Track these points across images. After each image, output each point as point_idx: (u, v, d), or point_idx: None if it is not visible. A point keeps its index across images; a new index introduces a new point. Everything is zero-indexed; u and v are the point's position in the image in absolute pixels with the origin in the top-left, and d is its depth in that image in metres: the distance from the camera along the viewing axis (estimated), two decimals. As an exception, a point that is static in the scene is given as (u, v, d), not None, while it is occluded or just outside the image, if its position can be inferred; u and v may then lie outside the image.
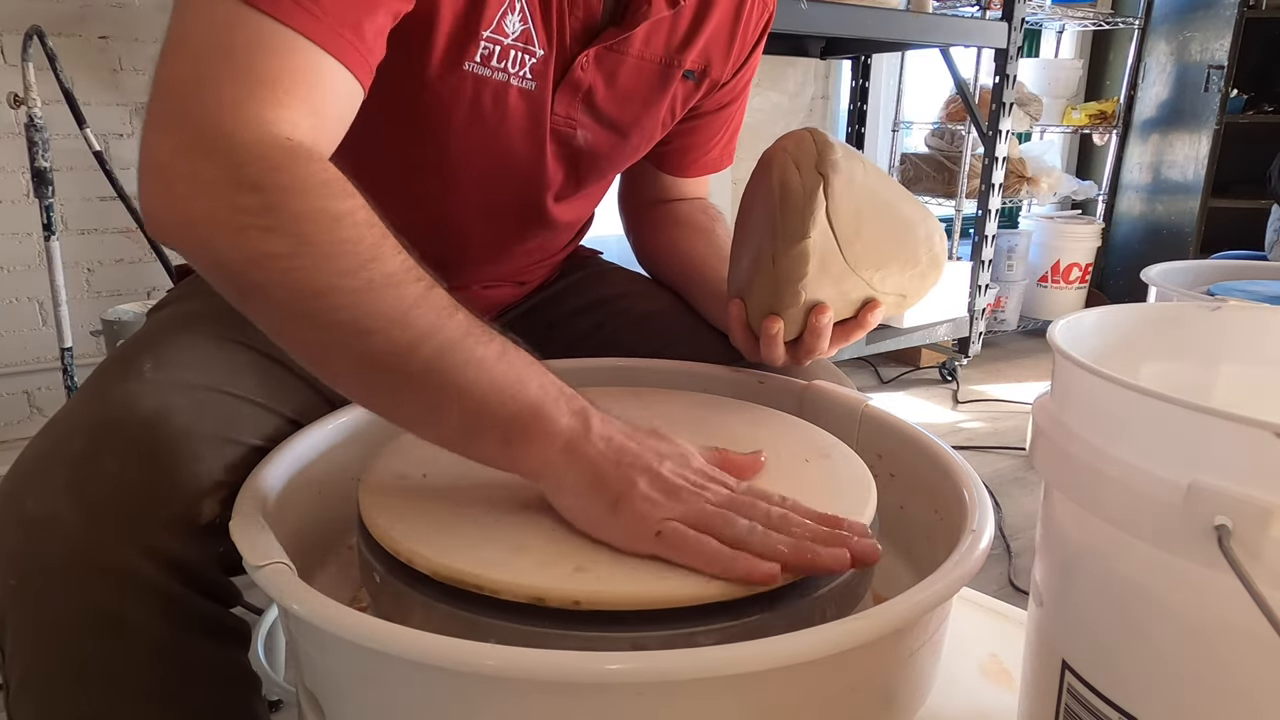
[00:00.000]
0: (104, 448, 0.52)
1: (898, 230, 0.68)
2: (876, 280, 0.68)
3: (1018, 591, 1.47)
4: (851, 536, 0.46)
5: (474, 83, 0.67)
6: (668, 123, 0.82)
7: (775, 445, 0.59)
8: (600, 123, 0.76)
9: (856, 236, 0.65)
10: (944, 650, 0.52)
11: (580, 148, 0.76)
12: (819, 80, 2.98)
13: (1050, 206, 3.43)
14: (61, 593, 0.49)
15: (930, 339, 2.56)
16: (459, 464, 0.55)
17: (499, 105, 0.69)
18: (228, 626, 0.57)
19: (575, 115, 0.74)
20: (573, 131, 0.75)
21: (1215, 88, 2.96)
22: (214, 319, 0.68)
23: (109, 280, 1.94)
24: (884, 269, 0.68)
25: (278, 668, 1.06)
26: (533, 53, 0.68)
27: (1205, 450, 0.35)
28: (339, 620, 0.40)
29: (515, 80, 0.68)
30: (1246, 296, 1.04)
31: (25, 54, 1.43)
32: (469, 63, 0.65)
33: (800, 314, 0.66)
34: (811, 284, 0.64)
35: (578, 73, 0.71)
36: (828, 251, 0.64)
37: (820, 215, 0.62)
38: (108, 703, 0.51)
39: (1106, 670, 0.42)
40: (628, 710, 0.39)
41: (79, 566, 0.49)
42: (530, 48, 0.68)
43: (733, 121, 0.90)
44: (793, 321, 0.66)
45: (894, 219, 0.68)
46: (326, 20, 0.50)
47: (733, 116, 0.89)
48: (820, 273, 0.64)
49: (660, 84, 0.77)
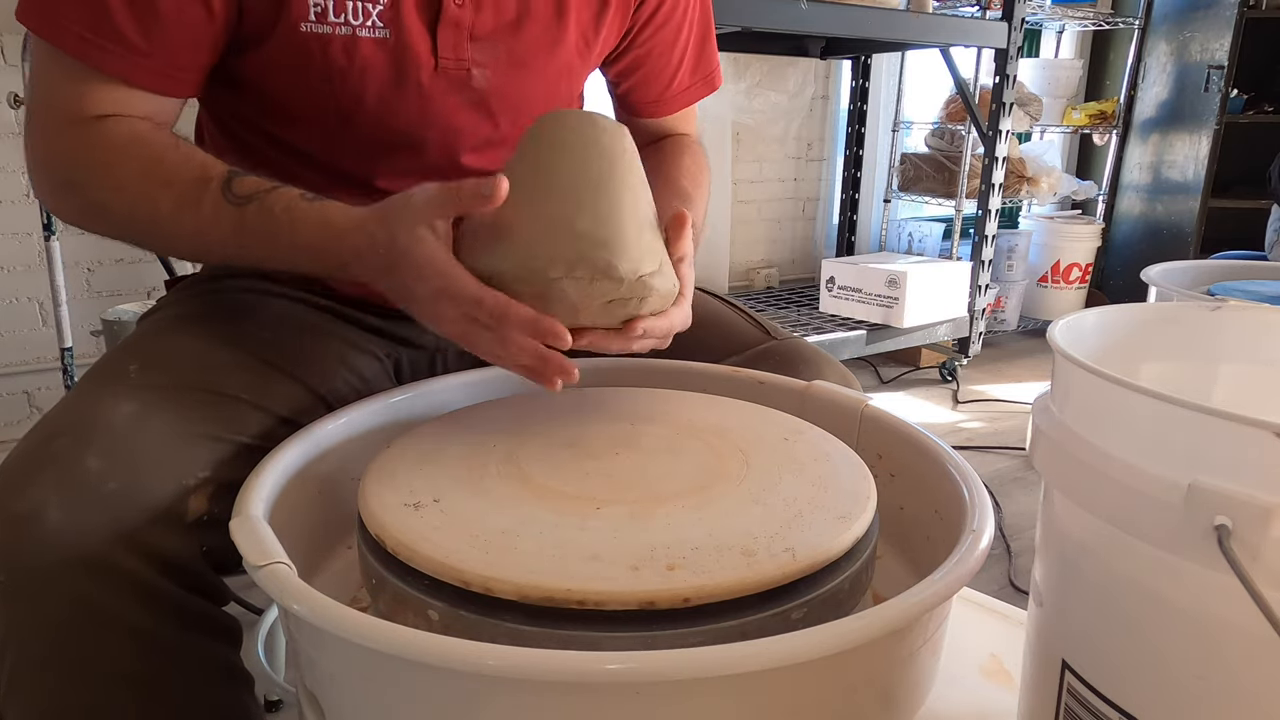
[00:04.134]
0: (88, 447, 0.53)
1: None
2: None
3: (1018, 591, 1.47)
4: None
5: (319, 43, 0.66)
6: (586, 53, 0.78)
7: (776, 446, 0.59)
8: (500, 60, 0.72)
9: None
10: (944, 650, 0.52)
11: (485, 89, 0.73)
12: (819, 80, 2.98)
13: (1050, 206, 3.43)
14: (48, 589, 0.50)
15: (930, 339, 2.56)
16: (459, 464, 0.55)
17: (353, 60, 0.67)
18: (217, 623, 0.58)
19: (466, 55, 0.71)
20: (466, 73, 0.71)
21: (1215, 88, 2.96)
22: (202, 321, 0.69)
23: (109, 280, 1.94)
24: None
25: (278, 668, 1.07)
26: (374, 0, 0.66)
27: (1205, 450, 0.35)
28: (339, 620, 0.40)
29: (364, 31, 0.67)
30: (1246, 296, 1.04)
31: (25, 54, 1.43)
32: (304, 24, 0.65)
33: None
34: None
35: (453, 9, 0.69)
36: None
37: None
38: (96, 698, 0.52)
39: (1106, 670, 0.42)
40: (628, 710, 0.39)
41: (64, 563, 0.50)
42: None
43: (681, 39, 0.84)
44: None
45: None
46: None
47: (679, 34, 0.84)
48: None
49: (556, 7, 0.74)
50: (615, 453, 0.57)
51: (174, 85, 0.65)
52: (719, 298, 0.87)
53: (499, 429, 0.61)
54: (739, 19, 1.88)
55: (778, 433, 0.62)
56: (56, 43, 0.61)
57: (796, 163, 3.06)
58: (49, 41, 0.62)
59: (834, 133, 3.10)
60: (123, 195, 0.62)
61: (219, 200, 0.60)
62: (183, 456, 0.56)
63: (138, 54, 0.62)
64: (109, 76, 0.62)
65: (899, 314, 2.43)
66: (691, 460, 0.57)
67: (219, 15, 0.64)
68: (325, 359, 0.70)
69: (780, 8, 1.93)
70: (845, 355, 2.33)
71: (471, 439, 0.59)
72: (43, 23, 0.61)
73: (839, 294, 2.58)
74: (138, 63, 0.62)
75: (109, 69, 0.62)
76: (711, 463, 0.56)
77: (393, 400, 0.68)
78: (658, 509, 0.50)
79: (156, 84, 0.64)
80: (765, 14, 1.93)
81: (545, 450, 0.57)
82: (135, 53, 0.62)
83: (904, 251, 3.05)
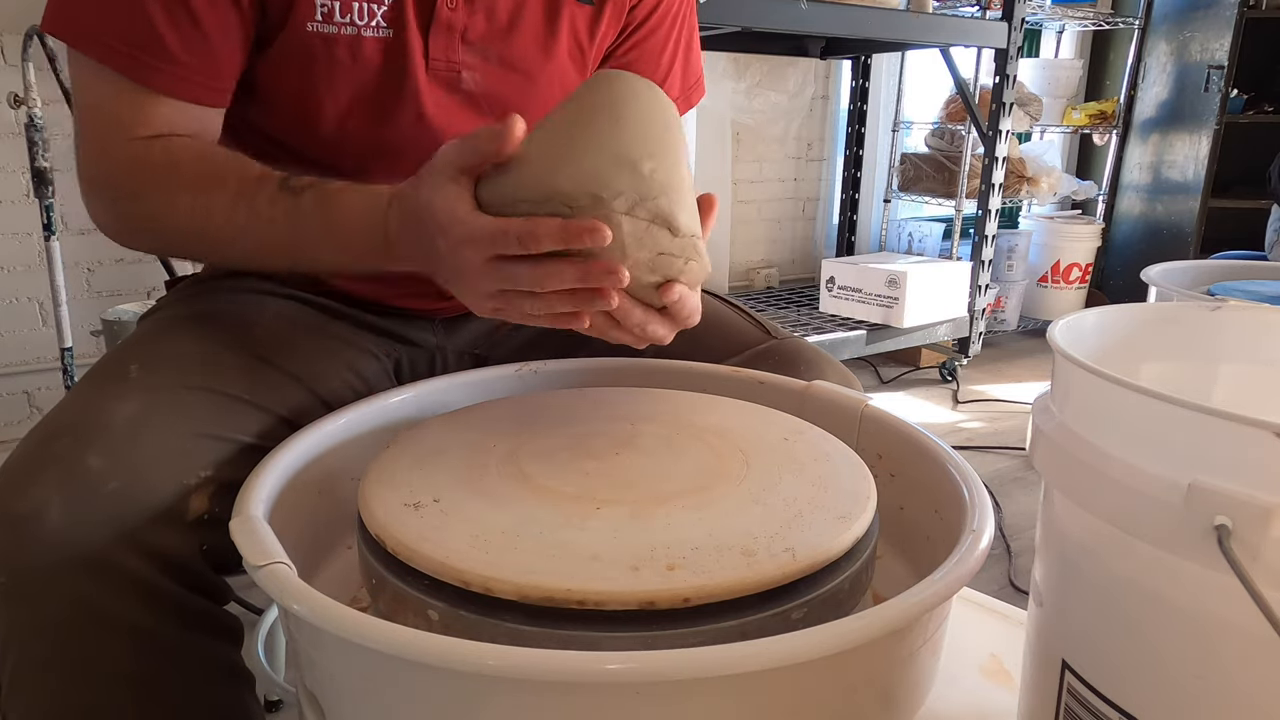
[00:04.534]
0: (89, 446, 0.53)
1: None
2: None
3: (1018, 591, 1.47)
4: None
5: (324, 43, 0.67)
6: (579, 58, 0.78)
7: (776, 446, 0.59)
8: (490, 62, 0.73)
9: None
10: (944, 650, 0.52)
11: (474, 92, 0.73)
12: (819, 80, 2.98)
13: (1050, 206, 3.43)
14: (49, 589, 0.50)
15: (930, 339, 2.56)
16: (459, 464, 0.55)
17: (357, 60, 0.68)
18: (218, 622, 0.58)
19: (456, 57, 0.71)
20: (456, 75, 0.72)
21: (1215, 88, 2.96)
22: (202, 322, 0.69)
23: (109, 280, 1.94)
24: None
25: (278, 668, 1.07)
26: (380, 0, 0.67)
27: (1205, 450, 0.35)
28: (339, 620, 0.40)
29: (368, 31, 0.68)
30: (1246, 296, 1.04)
31: (25, 54, 1.43)
32: (310, 24, 0.66)
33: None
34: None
35: (445, 11, 0.70)
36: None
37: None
38: (97, 697, 0.52)
39: (1106, 670, 0.42)
40: (628, 710, 0.39)
41: (65, 562, 0.50)
42: None
43: (669, 47, 0.84)
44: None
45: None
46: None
47: (667, 41, 0.83)
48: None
49: (548, 14, 0.74)
50: (615, 453, 0.57)
51: (216, 96, 0.66)
52: (720, 298, 0.87)
53: (499, 429, 0.61)
54: (739, 19, 1.88)
55: (778, 433, 0.62)
56: (103, 59, 0.61)
57: (796, 163, 3.06)
58: (94, 59, 0.61)
59: (834, 133, 3.10)
60: (180, 203, 0.63)
61: (274, 192, 0.61)
62: (183, 456, 0.56)
63: (182, 67, 0.63)
64: (158, 92, 0.63)
65: (899, 314, 2.43)
66: (691, 460, 0.57)
67: (249, 17, 0.65)
68: (325, 359, 0.70)
69: (780, 8, 1.93)
70: (845, 355, 2.33)
71: (471, 439, 0.59)
72: (85, 38, 0.61)
73: (839, 294, 2.58)
74: (184, 76, 0.63)
75: (158, 85, 0.62)
76: (711, 463, 0.56)
77: (393, 400, 0.68)
78: (658, 509, 0.50)
79: (202, 96, 0.65)
80: (765, 14, 1.93)
81: (545, 450, 0.57)
82: (180, 66, 0.63)
83: (904, 251, 3.05)
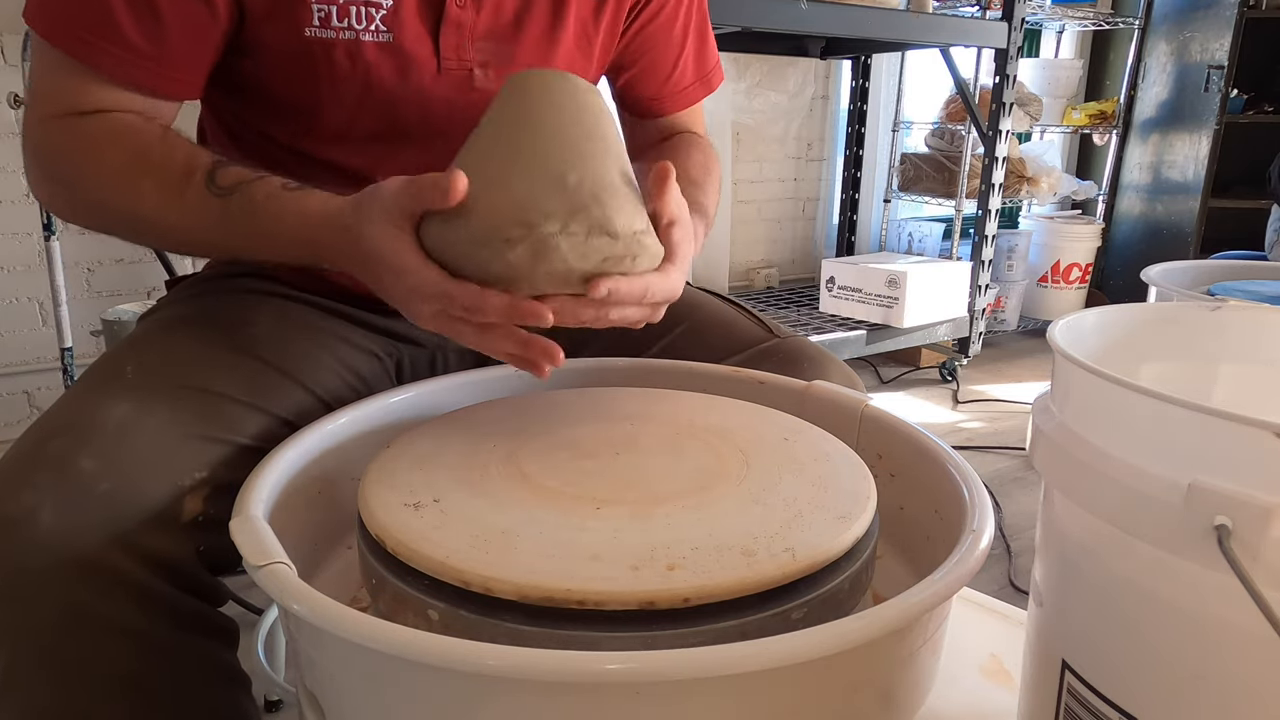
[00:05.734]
0: (83, 448, 0.53)
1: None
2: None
3: (1018, 591, 1.47)
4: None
5: (322, 48, 0.67)
6: (588, 48, 0.78)
7: (776, 446, 0.59)
8: (502, 59, 0.73)
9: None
10: (944, 650, 0.52)
11: (488, 89, 0.73)
12: (819, 80, 2.98)
13: (1050, 206, 3.43)
14: (43, 591, 0.50)
15: (930, 339, 2.56)
16: (459, 464, 0.55)
17: (356, 65, 0.68)
18: (213, 624, 0.57)
19: (469, 56, 0.72)
20: (468, 73, 0.72)
21: (1215, 88, 2.96)
22: (201, 322, 0.69)
23: (109, 280, 1.94)
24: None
25: (278, 668, 1.07)
26: (377, 4, 0.67)
27: (1205, 450, 0.35)
28: (339, 620, 0.40)
29: (367, 35, 0.67)
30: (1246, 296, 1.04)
31: (25, 54, 1.43)
32: (308, 29, 0.66)
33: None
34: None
35: (455, 10, 0.70)
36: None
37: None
38: (91, 700, 0.52)
39: (1106, 670, 0.42)
40: (628, 710, 0.39)
41: (59, 564, 0.50)
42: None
43: (677, 31, 0.84)
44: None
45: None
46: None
47: (674, 26, 0.83)
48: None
49: (553, 6, 0.75)
50: (615, 453, 0.57)
51: (173, 87, 0.65)
52: (722, 297, 0.87)
53: (499, 429, 0.61)
54: (739, 19, 1.88)
55: (778, 433, 0.62)
56: (56, 43, 0.61)
57: (796, 163, 3.06)
58: (49, 42, 0.62)
59: (834, 133, 3.10)
60: (108, 188, 0.62)
61: (202, 192, 0.61)
62: (178, 457, 0.55)
63: (138, 55, 0.62)
64: (104, 74, 0.62)
65: (899, 314, 2.43)
66: (691, 460, 0.57)
67: (223, 17, 0.64)
68: (324, 359, 0.70)
69: (780, 8, 1.93)
70: (845, 355, 2.33)
71: (471, 439, 0.59)
72: (45, 23, 0.62)
73: (839, 294, 2.58)
74: (137, 64, 0.62)
75: (106, 70, 0.62)
76: (711, 463, 0.56)
77: (393, 400, 0.68)
78: (658, 509, 0.50)
79: (155, 85, 0.64)
80: (765, 14, 1.93)
81: (545, 450, 0.57)
82: (135, 54, 0.62)
83: (904, 251, 3.05)
